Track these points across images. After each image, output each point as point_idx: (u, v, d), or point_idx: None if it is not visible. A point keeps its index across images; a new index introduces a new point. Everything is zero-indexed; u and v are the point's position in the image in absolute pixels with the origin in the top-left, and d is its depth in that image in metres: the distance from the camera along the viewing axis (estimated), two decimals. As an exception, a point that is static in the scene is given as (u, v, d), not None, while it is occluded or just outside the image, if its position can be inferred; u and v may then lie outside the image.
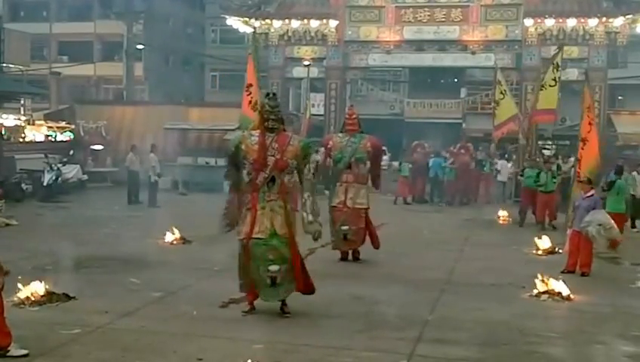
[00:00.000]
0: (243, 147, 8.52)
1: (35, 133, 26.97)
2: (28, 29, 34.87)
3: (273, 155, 8.45)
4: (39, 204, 20.69)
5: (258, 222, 8.39)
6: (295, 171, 8.70)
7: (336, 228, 12.34)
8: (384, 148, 13.10)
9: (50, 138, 27.28)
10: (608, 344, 7.87)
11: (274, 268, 8.29)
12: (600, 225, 11.33)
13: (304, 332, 7.97)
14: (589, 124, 14.12)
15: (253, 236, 8.38)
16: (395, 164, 26.58)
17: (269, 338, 7.56)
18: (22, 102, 29.70)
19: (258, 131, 8.63)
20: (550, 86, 17.78)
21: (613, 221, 11.63)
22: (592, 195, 11.89)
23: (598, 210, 11.67)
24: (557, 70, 17.77)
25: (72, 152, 26.48)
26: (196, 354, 6.96)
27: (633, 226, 17.43)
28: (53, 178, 22.35)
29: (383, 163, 13.17)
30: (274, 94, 9.00)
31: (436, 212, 21.85)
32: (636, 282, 11.76)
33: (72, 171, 24.35)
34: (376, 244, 12.68)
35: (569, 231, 12.34)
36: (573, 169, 19.17)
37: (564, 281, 10.13)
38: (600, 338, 8.07)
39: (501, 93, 19.01)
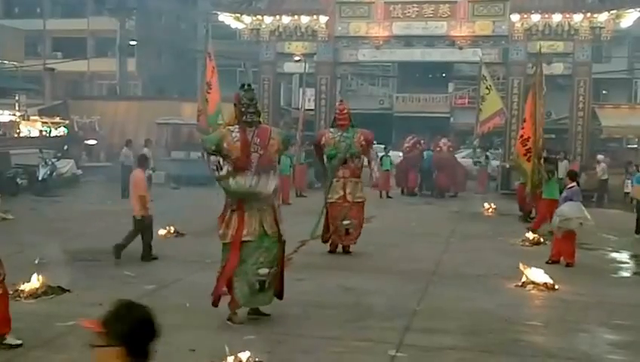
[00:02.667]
0: (225, 145, 7.89)
1: (30, 129, 27.09)
2: (22, 25, 35.02)
3: (256, 151, 7.93)
4: (34, 198, 20.87)
5: (247, 225, 7.86)
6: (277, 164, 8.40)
7: (336, 223, 12.40)
8: (374, 141, 13.33)
9: (44, 133, 27.43)
10: (592, 332, 8.09)
11: (263, 271, 7.87)
12: (558, 216, 11.73)
13: (295, 322, 8.11)
14: (533, 95, 14.96)
15: (243, 239, 7.85)
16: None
17: (260, 329, 7.67)
18: (16, 97, 29.81)
19: (237, 127, 8.06)
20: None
21: (579, 212, 11.85)
22: (572, 187, 12.26)
23: (570, 202, 11.94)
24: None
25: (66, 147, 26.75)
26: (189, 345, 7.04)
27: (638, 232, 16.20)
28: (48, 172, 22.59)
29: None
30: (249, 85, 8.42)
31: (424, 204, 22.06)
32: (618, 272, 12.13)
33: (66, 166, 24.60)
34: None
35: None
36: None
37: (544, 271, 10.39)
38: (583, 326, 8.28)
39: (487, 88, 19.29)
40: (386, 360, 6.88)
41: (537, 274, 10.26)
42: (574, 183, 12.45)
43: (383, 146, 26.18)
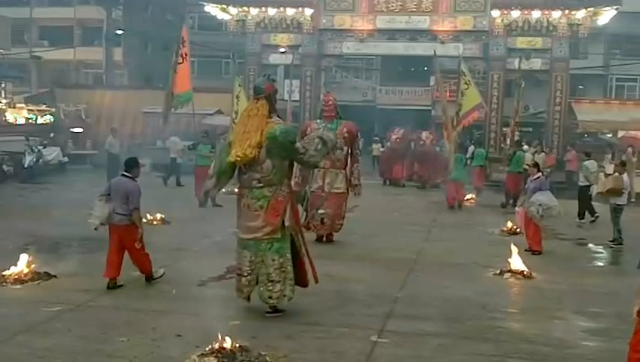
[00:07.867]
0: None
1: (16, 116, 27.25)
2: (8, 13, 34.93)
3: None
4: (20, 185, 21.01)
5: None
6: None
7: (312, 211, 12.59)
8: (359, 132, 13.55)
9: (31, 121, 27.57)
10: (567, 319, 8.26)
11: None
12: (540, 205, 12.08)
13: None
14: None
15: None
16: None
17: (245, 315, 7.79)
18: (3, 85, 29.90)
19: (278, 119, 8.03)
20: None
21: (555, 200, 12.32)
22: (538, 177, 12.58)
23: (543, 192, 12.30)
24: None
25: (52, 135, 26.95)
26: (175, 330, 7.12)
27: (581, 218, 16.94)
28: (34, 160, 22.79)
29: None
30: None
31: (406, 195, 22.31)
32: (593, 262, 12.47)
33: (52, 153, 24.80)
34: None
35: (519, 209, 13.02)
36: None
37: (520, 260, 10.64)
38: (558, 314, 8.45)
39: (465, 83, 19.65)
40: (368, 346, 6.99)
41: (515, 263, 10.53)
42: (540, 173, 12.80)
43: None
